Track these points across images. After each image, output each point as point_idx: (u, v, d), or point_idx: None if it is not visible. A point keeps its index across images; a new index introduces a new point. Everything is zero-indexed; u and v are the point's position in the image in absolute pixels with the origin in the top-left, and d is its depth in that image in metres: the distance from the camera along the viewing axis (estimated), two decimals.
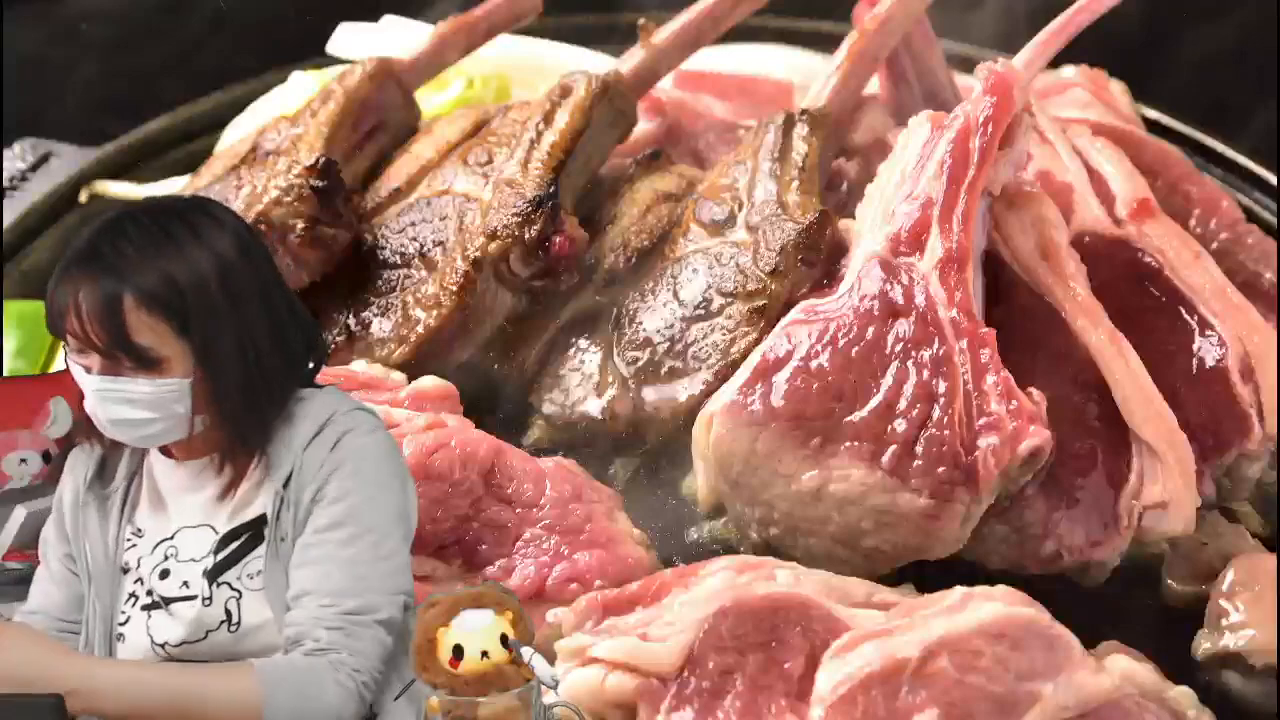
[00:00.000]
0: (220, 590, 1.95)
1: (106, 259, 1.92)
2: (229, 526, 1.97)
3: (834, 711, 2.11)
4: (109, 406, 1.93)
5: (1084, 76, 3.45)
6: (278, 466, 1.96)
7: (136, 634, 1.98)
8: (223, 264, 1.95)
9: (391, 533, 1.95)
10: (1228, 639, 2.37)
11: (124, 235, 1.93)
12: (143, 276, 1.91)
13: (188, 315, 1.91)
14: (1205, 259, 2.74)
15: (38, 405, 2.57)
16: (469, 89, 3.51)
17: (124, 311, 1.89)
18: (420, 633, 1.88)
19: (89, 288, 1.89)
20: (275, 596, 1.93)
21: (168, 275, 1.91)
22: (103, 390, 1.92)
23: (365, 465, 1.95)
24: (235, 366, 1.94)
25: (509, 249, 2.78)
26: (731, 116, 3.38)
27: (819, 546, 2.48)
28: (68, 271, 1.93)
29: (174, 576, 1.96)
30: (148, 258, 1.93)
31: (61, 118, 3.75)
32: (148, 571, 1.98)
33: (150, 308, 1.90)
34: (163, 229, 1.95)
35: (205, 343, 1.92)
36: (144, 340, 1.90)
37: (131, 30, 3.99)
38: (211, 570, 1.95)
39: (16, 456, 2.57)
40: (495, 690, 1.85)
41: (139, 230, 1.94)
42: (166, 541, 1.99)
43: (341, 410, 1.99)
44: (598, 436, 2.73)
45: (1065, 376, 2.55)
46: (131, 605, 1.98)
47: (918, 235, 2.56)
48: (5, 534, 2.47)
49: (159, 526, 2.01)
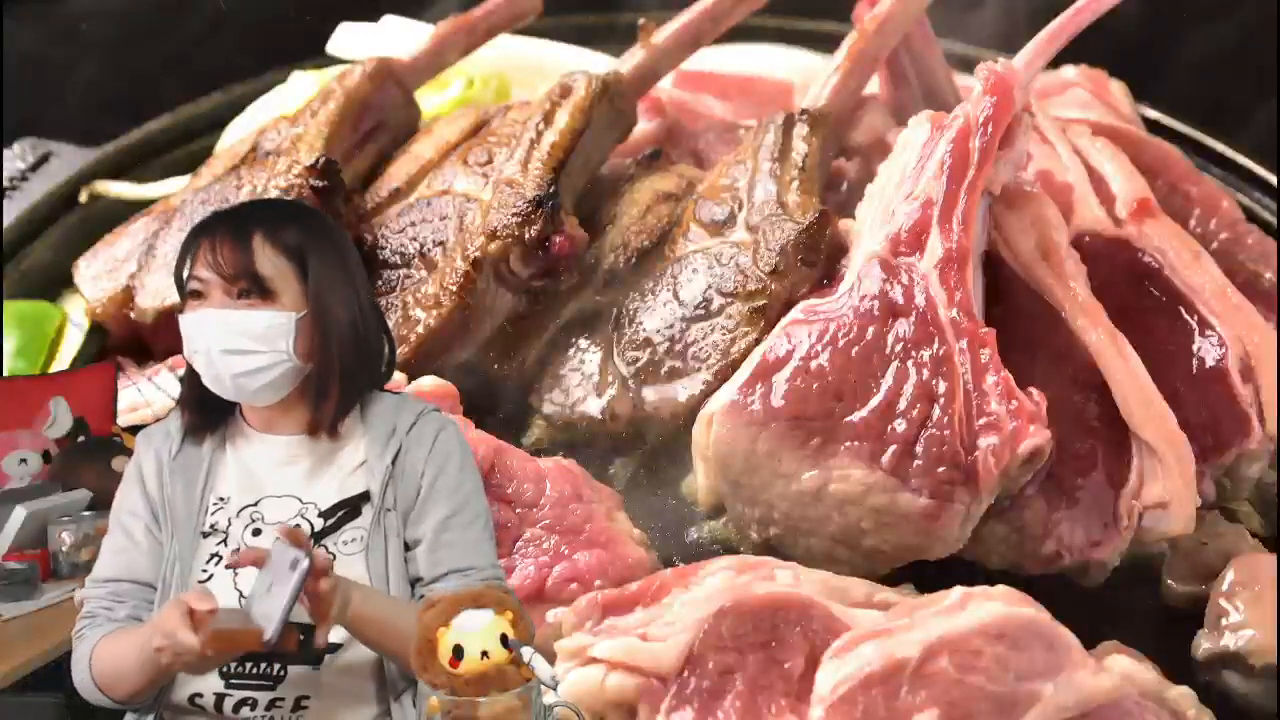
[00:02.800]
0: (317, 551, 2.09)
1: (243, 210, 2.32)
2: (337, 499, 2.14)
3: (834, 711, 2.11)
4: (222, 336, 2.12)
5: (1084, 76, 3.45)
6: (382, 446, 2.16)
7: (223, 589, 2.08)
8: (340, 239, 2.25)
9: (489, 516, 2.21)
10: (1228, 639, 2.37)
11: (258, 201, 2.54)
12: (273, 219, 2.19)
13: (306, 258, 2.15)
14: (1205, 259, 2.74)
15: (38, 405, 2.57)
16: (469, 89, 3.51)
17: (253, 243, 2.14)
18: (420, 633, 1.88)
19: (225, 227, 2.16)
20: (375, 561, 2.11)
21: (295, 223, 2.19)
22: (219, 320, 2.11)
23: (467, 460, 2.20)
24: (343, 318, 2.16)
25: (509, 249, 2.78)
26: (731, 116, 3.38)
27: (819, 546, 2.49)
28: (205, 224, 2.19)
29: (265, 536, 2.11)
30: (279, 209, 2.36)
31: (61, 118, 3.75)
32: (238, 532, 2.13)
33: (275, 243, 2.14)
34: (291, 203, 2.58)
35: (319, 290, 2.15)
36: (265, 271, 2.13)
37: (131, 30, 3.99)
38: (317, 535, 2.12)
39: (16, 456, 2.57)
40: (495, 690, 1.85)
41: (269, 201, 2.56)
42: (251, 508, 2.15)
43: (428, 409, 2.23)
44: (598, 436, 2.73)
45: (1065, 376, 2.55)
46: (214, 564, 2.12)
47: (918, 235, 2.56)
48: (5, 534, 2.47)
49: (243, 495, 2.16)
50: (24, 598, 2.42)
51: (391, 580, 2.10)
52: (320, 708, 2.06)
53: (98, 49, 3.95)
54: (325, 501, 2.14)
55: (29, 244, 3.37)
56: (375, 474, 2.15)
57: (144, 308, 2.99)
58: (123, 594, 2.15)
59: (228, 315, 2.12)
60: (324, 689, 2.06)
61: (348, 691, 2.08)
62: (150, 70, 3.95)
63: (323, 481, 2.16)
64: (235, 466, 2.18)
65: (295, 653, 2.00)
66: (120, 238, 3.16)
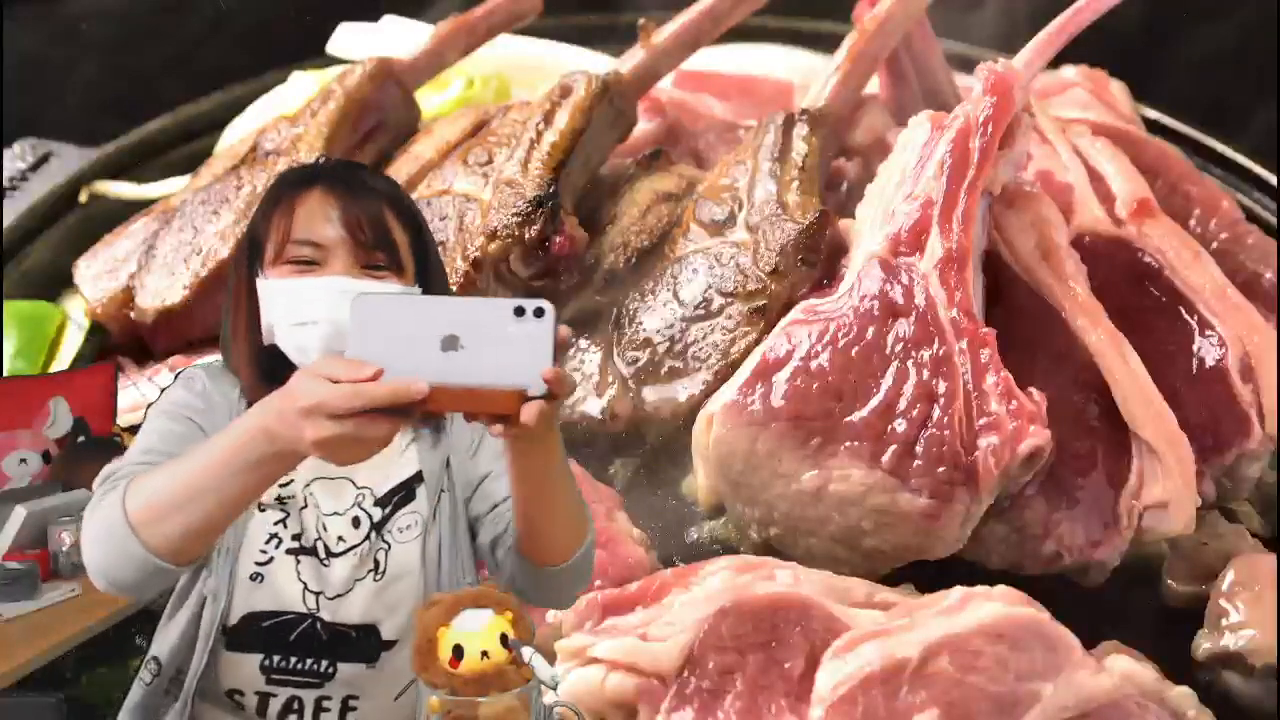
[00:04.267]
0: (377, 541, 1.96)
1: (355, 170, 2.07)
2: (392, 483, 1.98)
3: (834, 711, 2.11)
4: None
5: (1084, 76, 3.45)
6: (437, 429, 2.00)
7: (285, 579, 1.93)
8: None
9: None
10: (1228, 639, 2.37)
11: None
12: (391, 193, 2.01)
13: (420, 229, 1.99)
14: (1205, 259, 2.74)
15: (38, 405, 2.57)
16: (469, 89, 3.51)
17: (384, 209, 1.95)
18: (420, 633, 1.88)
19: (350, 187, 1.95)
20: (430, 547, 1.96)
21: (404, 197, 2.02)
22: (354, 290, 1.87)
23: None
24: (441, 292, 2.00)
25: (509, 249, 2.78)
26: (731, 116, 3.38)
27: (819, 546, 2.49)
28: (309, 176, 1.97)
29: (330, 530, 1.95)
30: (386, 181, 2.07)
31: (61, 118, 3.75)
32: (294, 513, 1.95)
33: (398, 214, 1.96)
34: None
35: (432, 266, 1.99)
36: (400, 240, 1.95)
37: (131, 30, 3.99)
38: (378, 523, 1.96)
39: (16, 456, 2.57)
40: (495, 690, 1.84)
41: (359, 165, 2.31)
42: (304, 488, 1.96)
43: None
44: (598, 436, 2.73)
45: (1065, 376, 2.55)
46: (275, 547, 1.94)
47: (918, 235, 2.56)
48: (5, 534, 2.47)
49: (303, 471, 1.93)
50: (24, 598, 2.42)
51: (444, 566, 1.95)
52: (368, 711, 1.93)
53: (98, 49, 3.95)
54: (381, 487, 1.97)
55: (29, 244, 3.36)
56: (419, 455, 1.98)
57: (144, 308, 2.99)
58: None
59: (362, 286, 1.90)
60: (374, 691, 1.93)
61: (394, 698, 1.94)
62: (150, 70, 3.95)
63: (372, 463, 1.85)
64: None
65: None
66: (120, 238, 3.16)
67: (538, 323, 1.69)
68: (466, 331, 1.70)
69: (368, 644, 1.92)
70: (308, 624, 1.94)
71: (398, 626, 1.94)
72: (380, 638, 1.94)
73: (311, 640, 1.93)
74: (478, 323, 1.70)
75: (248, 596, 1.94)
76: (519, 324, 1.69)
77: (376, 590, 1.96)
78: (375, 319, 1.71)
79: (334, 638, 1.93)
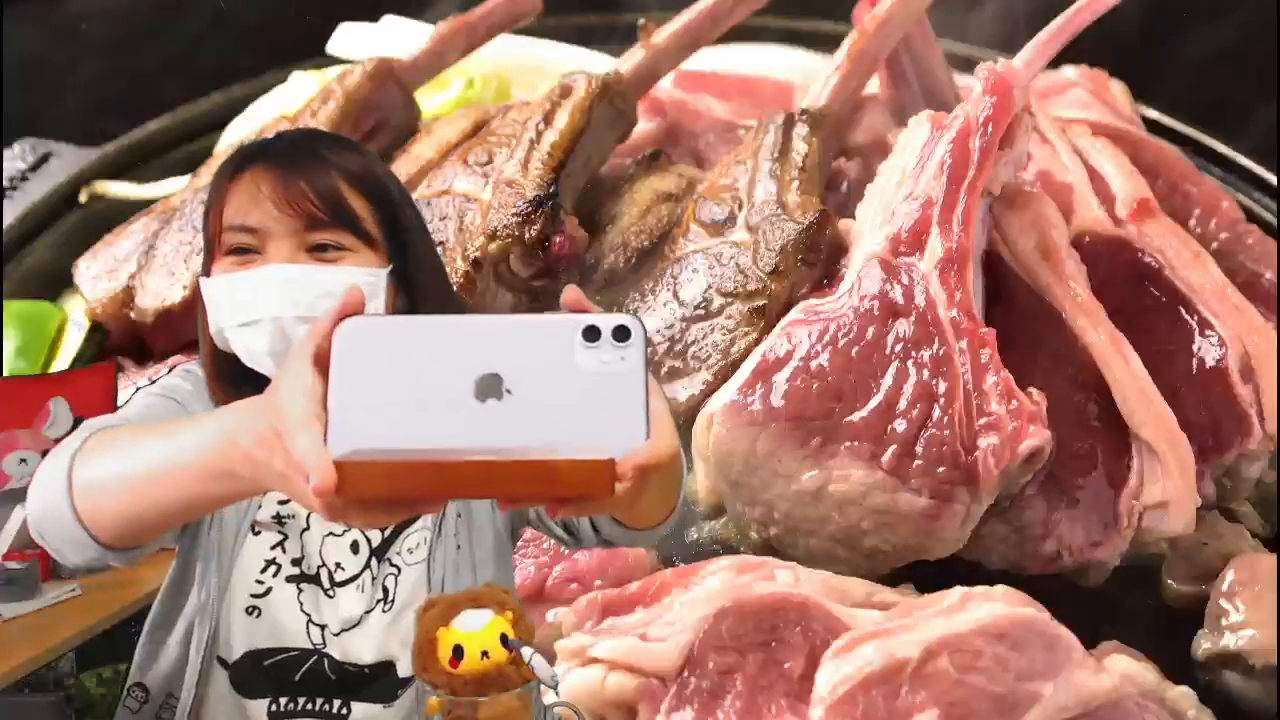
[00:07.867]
0: (382, 567, 1.81)
1: (302, 137, 1.85)
2: None
3: (834, 711, 2.11)
4: (296, 300, 1.69)
5: (1084, 76, 3.45)
6: None
7: (286, 612, 1.76)
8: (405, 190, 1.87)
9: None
10: (1228, 639, 2.37)
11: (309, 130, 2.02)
12: (346, 161, 1.78)
13: (388, 199, 1.78)
14: (1205, 259, 2.74)
15: (38, 405, 2.56)
16: (469, 89, 3.51)
17: (338, 184, 1.73)
18: (420, 633, 1.88)
19: (288, 159, 1.73)
20: (435, 569, 1.80)
21: (367, 165, 1.81)
22: (296, 278, 1.68)
23: None
24: (434, 277, 1.81)
25: (509, 249, 2.78)
26: (731, 116, 3.38)
27: (819, 546, 2.48)
28: (249, 155, 1.76)
29: (330, 555, 1.78)
30: (339, 139, 1.85)
31: (61, 118, 3.74)
32: (294, 535, 1.77)
33: (355, 185, 1.75)
34: (342, 136, 1.96)
35: (404, 242, 1.77)
36: (357, 213, 1.73)
37: (131, 30, 3.99)
38: (379, 547, 1.79)
39: (16, 456, 2.56)
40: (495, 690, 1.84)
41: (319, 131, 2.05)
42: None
43: None
44: None
45: (1065, 376, 2.55)
46: (272, 575, 1.76)
47: (918, 235, 2.56)
48: (5, 534, 2.47)
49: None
50: (24, 598, 2.42)
51: (449, 587, 1.80)
52: None
53: (98, 49, 3.94)
54: None
55: (29, 244, 3.36)
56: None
57: (144, 308, 2.99)
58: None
59: (308, 273, 1.68)
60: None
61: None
62: (150, 70, 3.94)
63: None
64: None
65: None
66: (120, 238, 3.16)
67: (621, 349, 1.19)
68: (513, 369, 1.20)
69: (384, 683, 1.78)
70: (314, 660, 1.79)
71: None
72: (398, 675, 1.81)
73: (319, 679, 1.78)
74: (529, 354, 1.19)
75: (247, 633, 1.78)
76: (592, 352, 1.19)
77: (388, 622, 1.82)
78: (372, 356, 1.20)
79: (345, 677, 1.79)
